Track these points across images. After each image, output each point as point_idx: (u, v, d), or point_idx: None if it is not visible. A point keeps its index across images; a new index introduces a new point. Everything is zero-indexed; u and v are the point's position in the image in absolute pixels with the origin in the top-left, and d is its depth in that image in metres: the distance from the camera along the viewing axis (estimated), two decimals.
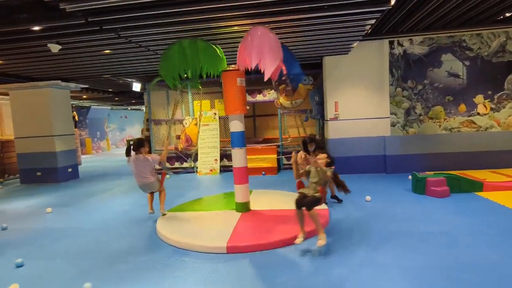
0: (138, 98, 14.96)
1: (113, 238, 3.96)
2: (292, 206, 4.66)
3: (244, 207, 4.50)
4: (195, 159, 8.91)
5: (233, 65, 4.51)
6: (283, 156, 8.65)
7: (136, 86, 10.23)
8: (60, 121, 8.60)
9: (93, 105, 17.50)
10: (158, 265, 3.11)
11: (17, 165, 8.82)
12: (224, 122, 9.55)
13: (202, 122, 8.91)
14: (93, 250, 3.60)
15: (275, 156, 8.33)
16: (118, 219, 4.78)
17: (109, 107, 19.61)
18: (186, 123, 9.08)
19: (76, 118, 11.53)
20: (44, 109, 8.37)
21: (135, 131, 22.94)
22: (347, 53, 7.27)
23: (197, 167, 8.82)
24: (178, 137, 9.24)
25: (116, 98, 14.43)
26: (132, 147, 4.47)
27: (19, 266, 3.24)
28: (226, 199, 5.34)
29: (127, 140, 13.32)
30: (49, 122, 8.35)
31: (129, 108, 22.31)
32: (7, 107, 9.60)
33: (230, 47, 5.97)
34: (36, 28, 4.48)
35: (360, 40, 6.44)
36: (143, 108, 22.00)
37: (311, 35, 5.70)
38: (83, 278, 2.91)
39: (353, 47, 6.81)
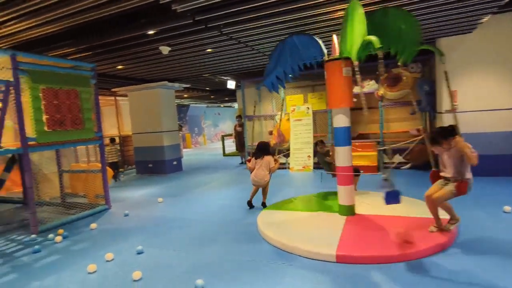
0: (230, 96, 15.68)
1: (218, 232, 4.03)
2: (403, 213, 4.06)
3: (349, 211, 4.08)
4: (287, 155, 8.75)
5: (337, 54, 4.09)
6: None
7: (231, 84, 10.60)
8: (167, 118, 9.51)
9: (192, 103, 19.12)
10: (266, 268, 2.97)
11: (133, 158, 10.13)
12: (316, 117, 9.16)
13: (294, 117, 8.68)
14: (201, 243, 3.71)
15: (375, 153, 7.56)
16: (220, 213, 4.91)
17: (205, 105, 21.18)
18: (278, 119, 8.98)
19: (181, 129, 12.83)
20: (155, 107, 9.35)
21: (226, 127, 24.30)
22: (471, 32, 6.02)
23: (289, 163, 8.64)
24: (271, 133, 9.22)
25: (212, 96, 15.41)
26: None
27: (140, 253, 3.53)
28: (325, 200, 4.99)
29: (221, 136, 14.06)
30: (159, 119, 9.30)
31: (221, 106, 23.74)
32: (126, 106, 11.11)
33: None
34: (151, 32, 4.88)
35: (493, 13, 5.22)
36: (235, 105, 23.15)
37: (424, 13, 4.84)
38: (195, 272, 2.97)
39: (481, 23, 5.57)
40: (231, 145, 14.87)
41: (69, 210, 5.54)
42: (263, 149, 4.98)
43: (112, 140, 8.85)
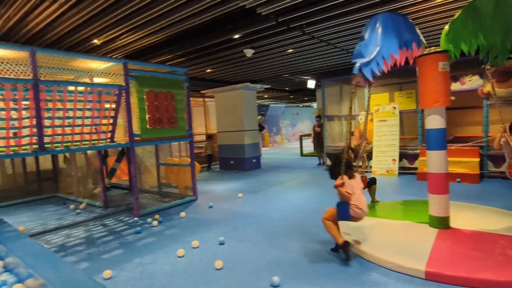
0: (310, 95, 15.54)
1: (296, 232, 4.05)
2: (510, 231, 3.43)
3: (442, 223, 3.64)
4: (369, 158, 8.25)
5: (433, 48, 3.69)
6: None
7: (311, 83, 10.50)
8: (248, 118, 9.94)
9: (271, 104, 19.57)
10: (343, 275, 2.87)
11: (218, 154, 10.88)
12: (403, 117, 8.39)
13: (378, 117, 8.13)
14: (279, 241, 3.79)
15: (477, 160, 6.57)
16: (297, 212, 4.93)
17: (284, 105, 21.44)
18: (360, 119, 8.53)
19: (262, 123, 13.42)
20: (237, 108, 9.87)
21: (304, 127, 24.13)
22: None
23: (371, 167, 8.14)
24: (352, 134, 8.81)
25: (291, 96, 15.52)
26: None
27: (221, 244, 3.79)
28: (414, 208, 4.55)
29: (300, 136, 14.03)
30: (241, 119, 9.79)
31: (300, 105, 23.69)
32: (212, 107, 12.00)
33: (429, 26, 5.04)
34: (236, 36, 5.17)
35: None
36: (314, 104, 22.85)
37: None
38: (271, 269, 3.06)
39: None
40: (308, 145, 14.74)
41: (164, 198, 6.27)
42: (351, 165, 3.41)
43: (209, 136, 10.80)
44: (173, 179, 6.82)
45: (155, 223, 4.73)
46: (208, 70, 8.22)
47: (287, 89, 13.58)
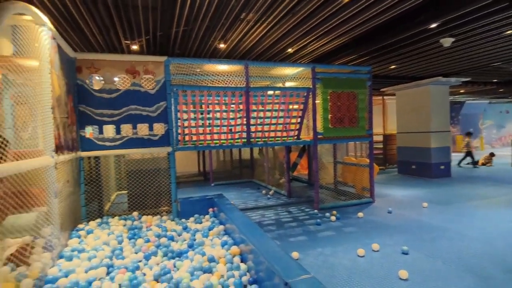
0: None
1: (501, 262, 3.26)
2: None
3: None
4: None
5: None
6: None
7: None
8: (437, 117, 8.64)
9: (468, 100, 16.12)
10: None
11: (395, 157, 10.06)
12: None
13: None
14: (478, 266, 3.17)
15: None
16: (507, 238, 3.92)
17: (487, 101, 17.16)
18: None
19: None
20: (424, 106, 8.75)
21: None
22: None
23: None
24: None
25: (500, 90, 12.26)
26: None
27: (405, 253, 3.54)
28: None
29: (511, 140, 10.89)
30: (428, 119, 8.63)
31: None
32: (392, 105, 11.16)
33: None
34: (433, 25, 4.61)
35: None
36: None
37: None
38: None
39: None
40: None
41: (339, 196, 6.44)
42: None
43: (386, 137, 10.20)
44: (349, 178, 6.88)
45: (333, 218, 4.95)
46: (392, 67, 7.69)
47: (494, 80, 10.81)
